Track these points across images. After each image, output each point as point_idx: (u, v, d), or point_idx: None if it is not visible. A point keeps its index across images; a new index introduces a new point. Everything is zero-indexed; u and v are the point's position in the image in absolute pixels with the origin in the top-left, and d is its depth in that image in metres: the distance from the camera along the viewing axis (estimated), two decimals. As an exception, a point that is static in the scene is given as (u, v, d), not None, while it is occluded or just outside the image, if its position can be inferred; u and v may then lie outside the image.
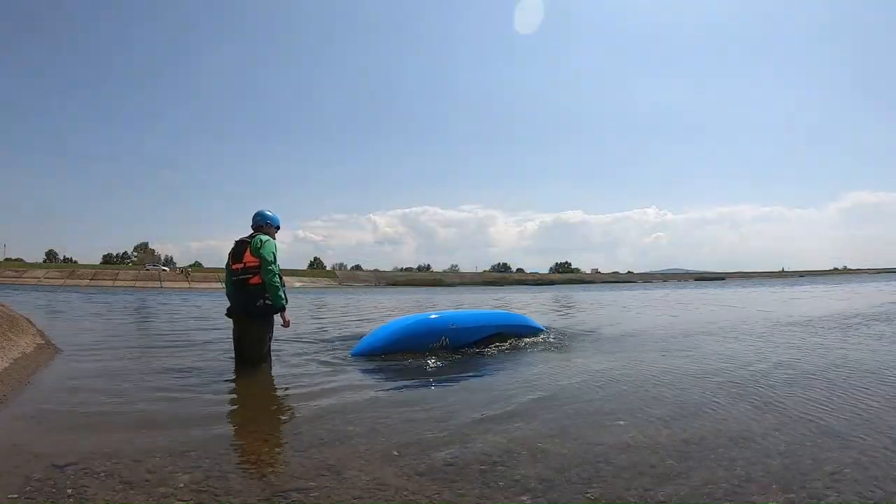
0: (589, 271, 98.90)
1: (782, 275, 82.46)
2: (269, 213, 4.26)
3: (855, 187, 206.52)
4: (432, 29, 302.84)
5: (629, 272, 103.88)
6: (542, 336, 5.86)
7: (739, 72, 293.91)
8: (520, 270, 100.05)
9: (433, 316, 5.22)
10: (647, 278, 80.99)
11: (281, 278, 4.01)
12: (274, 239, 4.15)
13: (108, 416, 2.74)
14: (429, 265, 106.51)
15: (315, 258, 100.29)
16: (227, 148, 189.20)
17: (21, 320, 4.99)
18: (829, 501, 1.69)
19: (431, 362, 4.40)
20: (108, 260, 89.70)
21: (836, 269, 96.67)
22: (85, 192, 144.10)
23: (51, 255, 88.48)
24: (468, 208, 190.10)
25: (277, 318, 4.07)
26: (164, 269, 64.82)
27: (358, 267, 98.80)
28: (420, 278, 74.47)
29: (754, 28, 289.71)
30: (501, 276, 78.28)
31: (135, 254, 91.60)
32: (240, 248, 4.05)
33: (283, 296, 3.96)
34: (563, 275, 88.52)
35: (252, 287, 3.94)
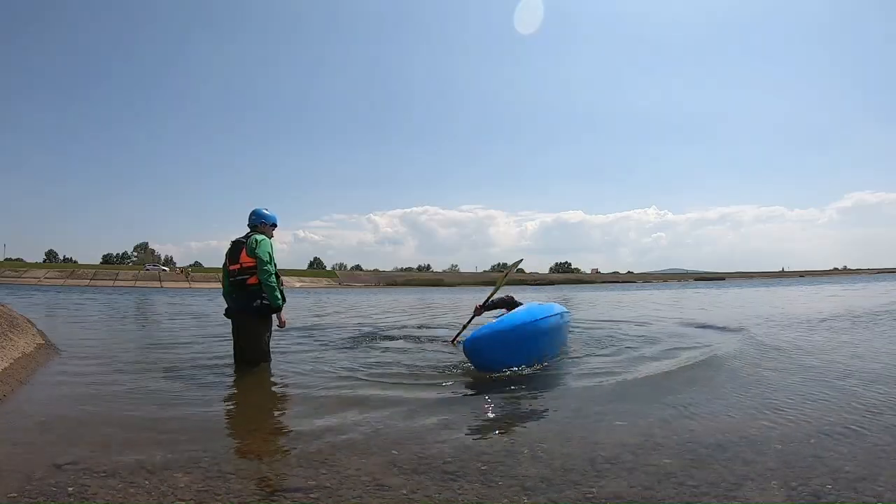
0: (589, 271, 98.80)
1: (782, 275, 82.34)
2: (265, 211, 4.23)
3: (855, 187, 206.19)
4: (432, 29, 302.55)
5: (629, 272, 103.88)
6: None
7: (739, 72, 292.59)
8: (520, 270, 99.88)
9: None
10: (647, 278, 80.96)
11: (278, 278, 3.99)
12: (271, 237, 4.12)
13: (108, 416, 2.74)
14: (429, 265, 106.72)
15: (315, 258, 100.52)
16: (227, 148, 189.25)
17: (21, 320, 4.99)
18: None
19: (433, 361, 4.40)
20: (108, 260, 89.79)
21: (836, 269, 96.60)
22: (85, 192, 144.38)
23: (51, 255, 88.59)
24: (468, 208, 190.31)
25: (275, 317, 4.07)
26: (164, 270, 64.80)
27: (358, 267, 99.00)
28: (420, 278, 74.48)
29: (754, 28, 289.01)
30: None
31: (135, 254, 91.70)
32: (236, 248, 4.04)
33: (279, 296, 3.94)
34: (563, 275, 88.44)
35: (250, 287, 3.93)
